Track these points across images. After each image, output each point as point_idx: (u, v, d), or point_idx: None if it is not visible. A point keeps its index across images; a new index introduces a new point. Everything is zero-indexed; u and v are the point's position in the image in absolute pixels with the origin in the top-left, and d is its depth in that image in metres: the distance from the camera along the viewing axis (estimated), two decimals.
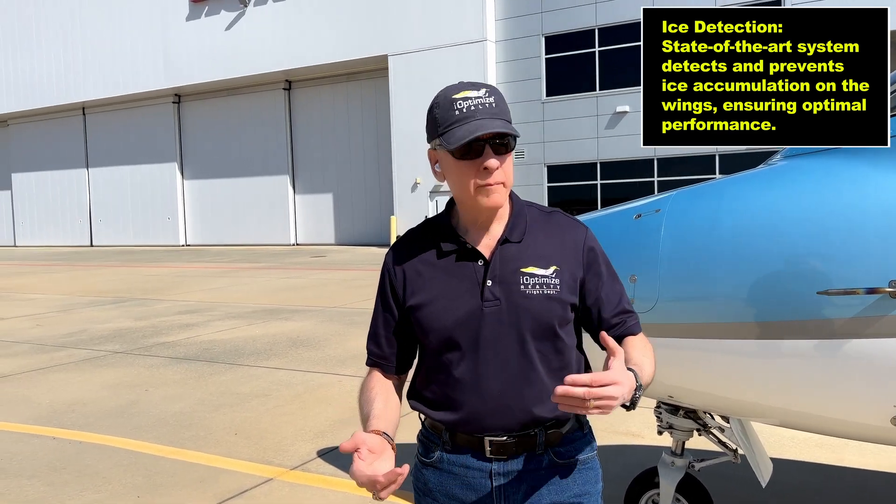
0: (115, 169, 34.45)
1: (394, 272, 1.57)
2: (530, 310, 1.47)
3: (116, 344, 8.15)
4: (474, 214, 1.51)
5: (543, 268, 1.50)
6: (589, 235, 1.58)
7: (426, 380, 1.56)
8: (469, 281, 1.49)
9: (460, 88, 1.46)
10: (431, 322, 1.50)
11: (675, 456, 2.79)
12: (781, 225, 1.99)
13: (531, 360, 1.48)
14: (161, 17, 30.74)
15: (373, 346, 1.62)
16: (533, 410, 1.48)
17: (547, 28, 23.87)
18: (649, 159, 22.68)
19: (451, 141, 1.42)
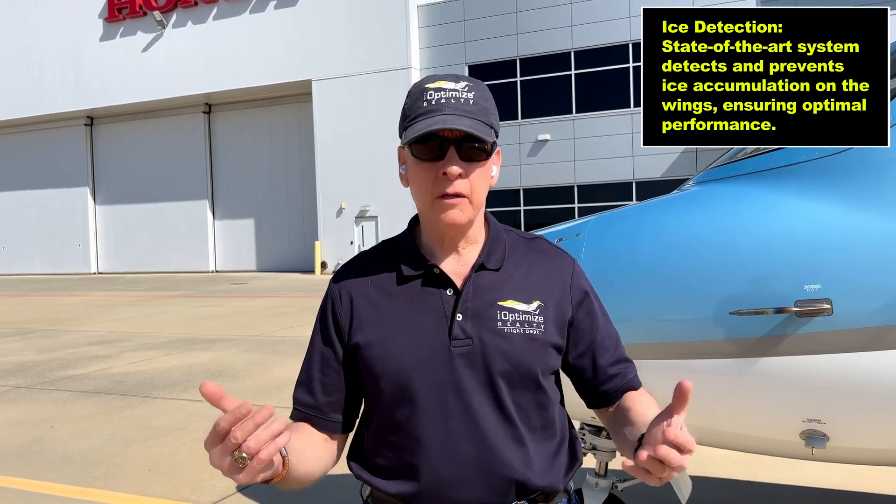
0: (20, 193, 32.78)
1: (340, 301, 1.26)
2: (508, 353, 1.20)
3: (19, 378, 7.68)
4: (438, 233, 1.25)
5: (525, 302, 1.24)
6: (577, 267, 1.34)
7: (376, 440, 1.25)
8: (434, 314, 1.21)
9: (438, 78, 1.22)
10: (385, 364, 1.20)
11: (598, 477, 2.82)
12: (696, 247, 2.06)
13: (509, 416, 1.21)
14: (73, 37, 29.67)
15: (303, 394, 1.27)
16: (516, 478, 1.20)
17: (470, 58, 24.31)
18: (569, 186, 23.30)
19: (409, 134, 1.18)
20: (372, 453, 1.26)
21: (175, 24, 28.01)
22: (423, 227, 1.28)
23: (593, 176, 22.95)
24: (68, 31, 29.78)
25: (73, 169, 31.63)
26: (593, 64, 22.88)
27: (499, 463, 1.19)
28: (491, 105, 1.23)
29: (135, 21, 28.60)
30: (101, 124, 31.45)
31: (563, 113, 23.29)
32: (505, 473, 1.20)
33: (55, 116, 31.08)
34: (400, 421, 1.21)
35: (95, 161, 31.65)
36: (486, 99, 1.22)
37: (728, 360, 2.03)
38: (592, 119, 22.91)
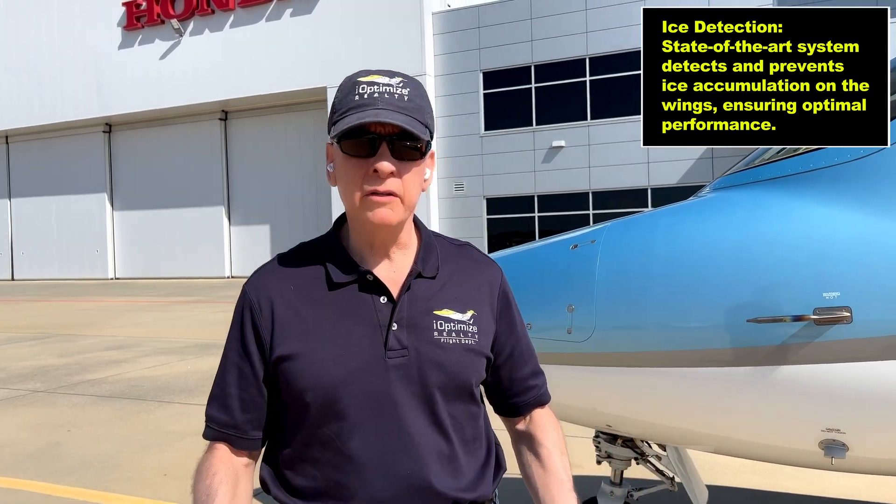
0: (40, 199, 33.16)
1: (259, 309, 1.16)
2: (444, 364, 1.16)
3: (37, 382, 7.75)
4: (367, 235, 1.17)
5: (460, 311, 1.20)
6: (503, 278, 1.31)
7: (296, 458, 1.16)
8: (367, 323, 1.14)
9: (370, 72, 1.16)
10: (313, 378, 1.11)
11: (613, 485, 2.80)
12: (713, 254, 2.05)
13: (444, 429, 1.17)
14: (93, 45, 30.02)
15: (218, 412, 1.19)
16: (451, 494, 1.16)
17: (485, 64, 24.34)
18: (584, 193, 23.24)
19: (337, 128, 1.11)
20: (291, 472, 1.17)
21: (192, 31, 28.28)
22: (352, 228, 1.19)
23: (608, 182, 22.88)
24: (88, 39, 30.13)
25: (91, 175, 31.96)
26: (608, 70, 22.83)
27: (435, 479, 1.15)
28: (426, 104, 1.17)
29: (153, 29, 28.90)
30: (119, 131, 31.78)
31: (578, 119, 23.25)
32: (440, 490, 1.15)
33: (74, 123, 31.43)
34: (328, 437, 1.13)
35: (113, 167, 31.97)
36: (422, 97, 1.16)
37: (745, 368, 2.01)
38: (607, 125, 22.85)
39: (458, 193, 24.90)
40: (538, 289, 2.30)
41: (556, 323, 2.19)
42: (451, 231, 25.03)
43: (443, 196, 25.11)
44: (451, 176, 24.99)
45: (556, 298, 2.22)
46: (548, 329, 2.21)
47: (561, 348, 2.20)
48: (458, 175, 24.88)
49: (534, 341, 2.24)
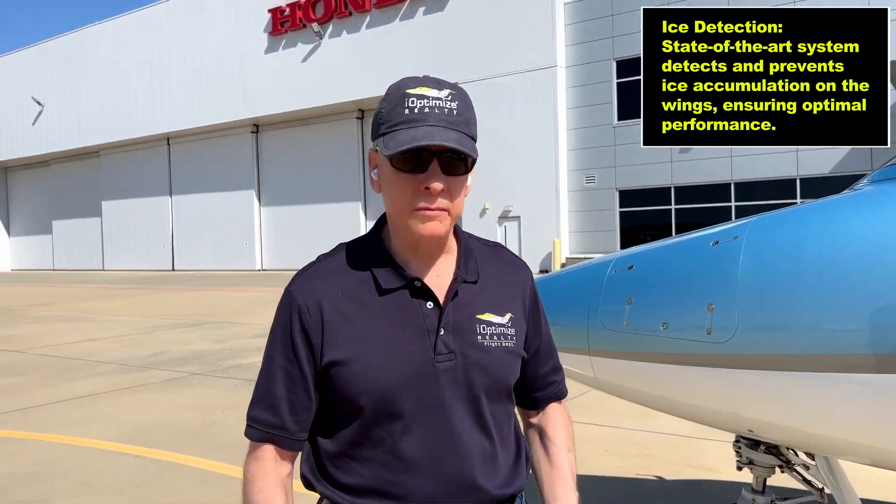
0: (196, 196, 35.89)
1: (308, 312, 1.18)
2: (488, 367, 1.20)
3: (195, 365, 8.42)
4: (412, 242, 1.20)
5: (500, 315, 1.24)
6: (533, 278, 1.35)
7: (344, 457, 1.20)
8: (415, 329, 1.17)
9: (419, 83, 1.15)
10: (367, 382, 1.15)
11: (755, 493, 2.67)
12: (872, 252, 1.90)
13: (487, 429, 1.22)
14: (241, 51, 32.07)
15: (266, 413, 1.20)
16: (494, 491, 1.21)
17: (618, 52, 23.70)
18: (726, 183, 22.09)
19: (390, 146, 1.12)
20: (337, 470, 1.21)
21: (331, 34, 29.52)
22: (396, 234, 1.22)
23: (752, 172, 21.63)
24: (237, 46, 32.22)
25: (241, 173, 34.19)
26: None
27: (480, 478, 1.19)
28: (473, 115, 1.18)
29: (295, 33, 30.44)
30: (265, 131, 33.76)
31: None
32: (486, 488, 1.20)
33: (225, 125, 33.75)
34: (381, 437, 1.17)
35: (260, 165, 34.01)
36: (469, 108, 1.17)
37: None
38: None
39: (589, 186, 24.44)
40: (675, 287, 2.23)
41: (695, 323, 2.12)
42: (582, 224, 24.62)
43: (572, 189, 24.72)
44: (581, 168, 24.56)
45: (694, 297, 2.14)
46: (685, 329, 2.14)
47: (699, 349, 2.12)
48: (589, 167, 24.40)
49: (670, 341, 2.18)
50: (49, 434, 5.52)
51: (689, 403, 2.28)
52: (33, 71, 41.09)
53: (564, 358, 2.56)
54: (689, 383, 2.20)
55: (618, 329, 2.31)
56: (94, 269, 40.36)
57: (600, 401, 5.85)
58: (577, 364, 2.52)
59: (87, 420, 5.94)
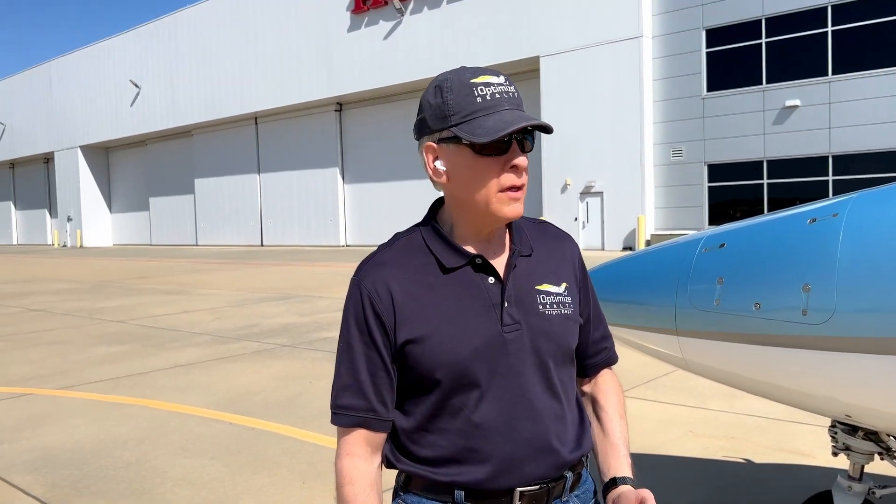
0: (283, 174, 36.94)
1: (378, 298, 1.23)
2: (552, 333, 1.27)
3: (284, 338, 8.74)
4: (479, 225, 1.25)
5: (556, 285, 1.31)
6: (579, 249, 1.42)
7: (421, 431, 1.26)
8: (481, 302, 1.24)
9: (478, 72, 1.21)
10: (441, 356, 1.20)
11: (852, 480, 2.57)
12: None
13: (556, 393, 1.28)
14: (325, 30, 32.58)
15: (354, 399, 1.25)
16: (567, 451, 1.28)
17: (708, 21, 22.75)
18: (823, 156, 20.97)
19: (479, 132, 1.15)
20: (415, 444, 1.26)
21: (412, 10, 29.57)
22: (464, 216, 1.25)
23: (852, 145, 20.43)
24: (320, 25, 32.75)
25: (326, 151, 34.94)
26: (855, 18, 20.25)
27: (554, 440, 1.26)
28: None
29: (377, 11, 30.66)
30: (348, 109, 34.30)
31: (817, 75, 20.94)
32: (559, 448, 1.26)
33: (310, 104, 34.48)
34: (457, 408, 1.22)
35: (344, 143, 34.64)
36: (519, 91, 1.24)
37: None
38: (853, 80, 20.35)
39: (676, 160, 23.69)
40: (768, 266, 2.15)
41: (789, 304, 2.04)
42: (668, 200, 23.95)
43: (658, 163, 24.03)
44: (668, 142, 23.82)
45: (789, 277, 2.06)
46: (779, 310, 2.06)
47: (793, 330, 2.04)
48: (676, 140, 23.64)
49: (762, 323, 2.12)
50: (151, 400, 5.87)
51: (782, 386, 2.20)
52: (131, 54, 43.07)
53: (651, 338, 2.52)
54: (783, 365, 2.13)
55: (707, 309, 2.25)
56: (188, 245, 42.29)
57: (684, 381, 5.72)
58: (664, 344, 2.48)
59: (185, 388, 6.27)
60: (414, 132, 1.29)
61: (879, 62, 19.96)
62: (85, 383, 6.59)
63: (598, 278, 2.60)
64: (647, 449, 4.24)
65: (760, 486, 3.62)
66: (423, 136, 1.25)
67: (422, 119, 1.25)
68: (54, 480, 4.07)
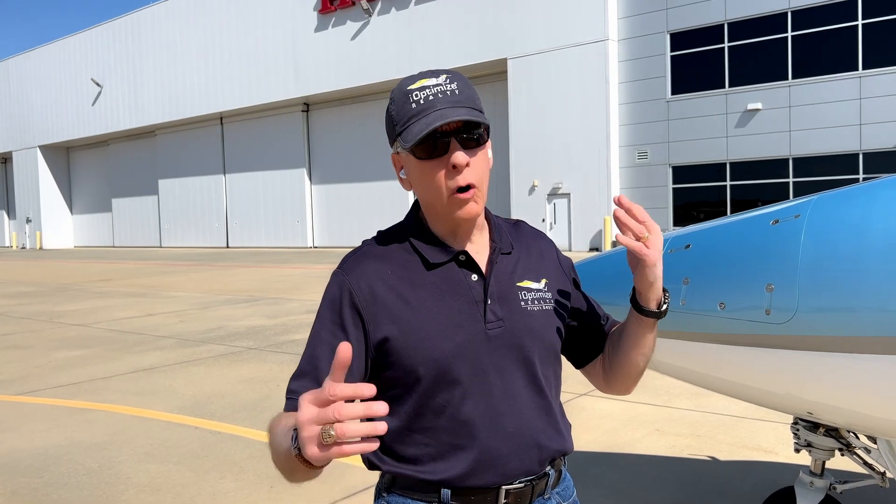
0: (249, 175, 36.56)
1: (359, 292, 1.22)
2: (535, 329, 1.28)
3: (250, 340, 8.64)
4: (450, 225, 1.27)
5: (536, 281, 1.32)
6: (555, 245, 1.45)
7: (405, 430, 1.24)
8: (465, 299, 1.24)
9: (417, 78, 1.22)
10: (424, 352, 1.20)
11: (814, 476, 2.62)
12: None
13: (541, 389, 1.28)
14: (292, 30, 32.34)
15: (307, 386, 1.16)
16: (550, 446, 1.29)
17: (672, 25, 23.10)
18: (783, 159, 21.43)
19: (408, 138, 1.18)
20: (400, 444, 1.24)
21: (380, 11, 29.50)
22: (434, 219, 1.28)
23: (812, 147, 20.91)
24: (287, 25, 32.49)
25: (292, 151, 34.66)
26: (814, 24, 20.73)
27: (538, 435, 1.26)
28: (474, 92, 1.24)
29: (345, 11, 30.52)
30: (315, 110, 34.08)
31: (778, 79, 21.40)
32: (543, 443, 1.27)
33: (277, 104, 34.19)
34: (441, 405, 1.22)
35: (311, 144, 34.41)
36: (469, 86, 1.23)
37: None
38: (812, 84, 20.82)
39: (641, 162, 23.99)
40: (733, 267, 2.18)
41: (753, 303, 2.07)
42: (633, 201, 24.04)
43: (624, 165, 24.32)
44: (633, 144, 24.11)
45: (753, 277, 2.10)
46: (743, 310, 2.10)
47: (757, 330, 2.08)
48: (641, 143, 23.94)
49: (727, 322, 2.15)
50: (114, 405, 5.76)
51: (746, 384, 2.24)
52: (93, 53, 42.24)
53: None
54: (747, 364, 2.16)
55: (674, 309, 2.28)
56: (152, 246, 41.61)
57: (652, 380, 5.80)
58: None
59: (149, 392, 6.17)
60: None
61: (837, 67, 20.46)
62: (46, 388, 6.44)
63: None
64: (613, 448, 4.29)
65: (725, 483, 3.67)
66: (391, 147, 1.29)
67: (387, 132, 1.29)
68: (14, 488, 3.97)
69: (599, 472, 3.90)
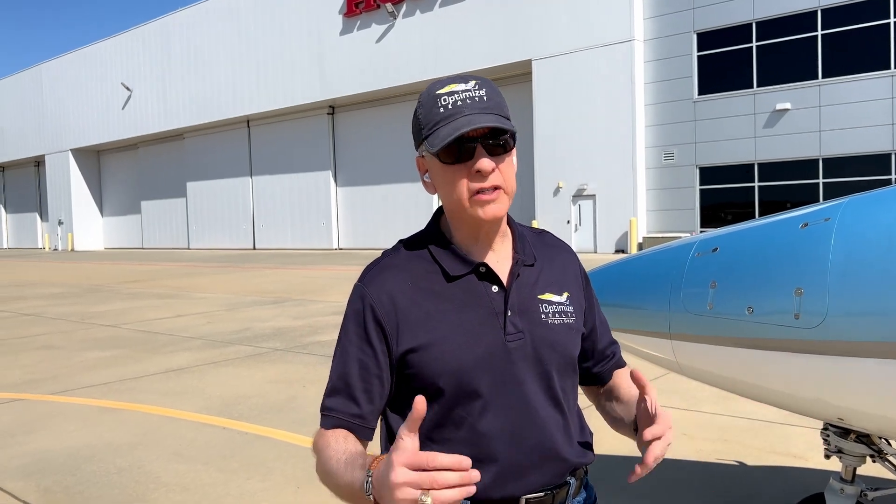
0: (275, 177, 36.87)
1: (380, 305, 1.23)
2: (555, 343, 1.28)
3: (277, 342, 8.72)
4: (473, 230, 1.27)
5: (558, 294, 1.31)
6: (578, 259, 1.43)
7: (428, 441, 1.23)
8: (485, 311, 1.24)
9: (446, 83, 1.23)
10: (445, 364, 1.20)
11: (844, 483, 2.58)
12: None
13: (558, 402, 1.29)
14: (317, 33, 32.57)
15: (343, 404, 1.24)
16: (571, 459, 1.29)
17: (699, 24, 22.86)
18: (813, 159, 21.09)
19: (435, 142, 1.18)
20: None
21: (405, 14, 29.59)
22: (457, 224, 1.27)
23: (843, 148, 20.55)
24: (313, 29, 32.73)
25: (318, 154, 34.89)
26: (845, 22, 20.39)
27: (559, 448, 1.27)
28: (502, 99, 1.25)
29: (370, 14, 30.67)
30: (341, 112, 34.28)
31: (807, 79, 21.07)
32: (564, 456, 1.27)
33: (303, 107, 34.44)
34: (461, 417, 1.22)
35: (336, 147, 34.61)
36: (497, 93, 1.24)
37: None
38: (842, 84, 20.47)
39: (668, 163, 23.77)
40: (761, 270, 2.16)
41: (782, 307, 2.05)
42: (659, 203, 24.02)
43: (651, 166, 24.10)
44: (659, 145, 23.90)
45: (781, 281, 2.08)
46: (772, 314, 2.08)
47: (786, 334, 2.06)
48: (668, 143, 23.72)
49: (756, 326, 2.13)
50: (144, 405, 5.85)
51: (775, 389, 2.22)
52: (123, 57, 42.91)
53: (644, 341, 2.54)
54: (776, 369, 2.14)
55: (701, 313, 2.27)
56: (180, 248, 42.15)
57: (678, 383, 5.74)
58: (657, 347, 2.49)
59: (178, 393, 6.25)
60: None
61: (868, 66, 20.09)
62: (77, 388, 6.57)
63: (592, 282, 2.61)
64: (639, 452, 4.25)
65: (753, 489, 3.63)
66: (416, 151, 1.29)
67: (413, 135, 1.29)
68: (47, 486, 4.05)
69: (624, 477, 3.88)
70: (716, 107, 22.72)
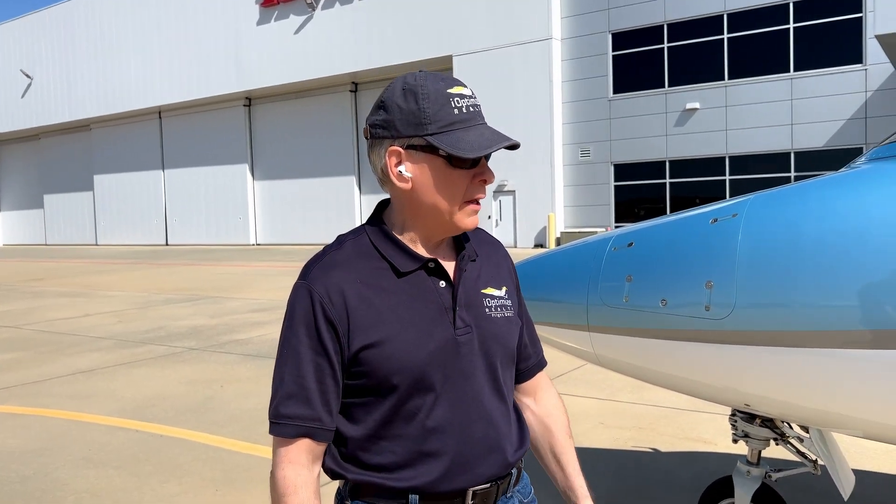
0: (189, 170, 35.70)
1: (330, 304, 1.19)
2: (499, 335, 1.30)
3: (192, 341, 8.45)
4: (432, 232, 1.26)
5: (498, 288, 1.34)
6: (509, 253, 1.46)
7: (372, 438, 1.23)
8: (435, 306, 1.24)
9: (451, 83, 1.21)
10: (399, 361, 1.19)
11: (751, 465, 2.72)
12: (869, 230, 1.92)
13: (502, 394, 1.31)
14: (234, 23, 31.68)
15: (300, 408, 1.20)
16: (512, 451, 1.32)
17: (614, 25, 23.52)
18: (721, 157, 22.08)
19: (463, 147, 1.16)
20: (365, 453, 1.24)
21: (324, 6, 29.16)
22: (417, 223, 1.25)
23: (747, 146, 21.61)
24: (229, 18, 31.82)
25: (234, 147, 33.98)
26: (749, 26, 21.41)
27: (504, 439, 1.29)
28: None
29: (288, 5, 30.06)
30: (258, 104, 33.49)
31: (715, 80, 22.03)
32: (508, 447, 1.30)
33: (218, 98, 33.45)
34: (412, 412, 1.22)
35: (253, 139, 33.80)
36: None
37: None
38: (747, 85, 21.51)
39: (584, 160, 24.39)
40: (674, 264, 2.25)
41: (693, 300, 2.14)
42: (576, 198, 24.62)
43: (568, 163, 24.67)
44: (576, 142, 24.48)
45: (693, 274, 2.17)
46: (684, 306, 2.17)
47: (697, 325, 2.15)
48: (584, 141, 24.33)
49: (668, 318, 2.21)
50: (50, 409, 5.56)
51: (686, 378, 2.31)
52: (23, 43, 40.56)
53: (564, 334, 2.59)
54: (688, 358, 2.23)
55: (617, 305, 2.34)
56: (88, 244, 40.25)
57: (595, 374, 5.91)
58: (576, 340, 2.55)
59: (86, 395, 5.98)
60: (369, 130, 1.23)
61: (771, 68, 21.18)
62: None
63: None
64: None
65: (667, 474, 3.78)
66: (385, 138, 1.20)
67: (386, 120, 1.20)
68: None
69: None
70: (629, 105, 23.45)
